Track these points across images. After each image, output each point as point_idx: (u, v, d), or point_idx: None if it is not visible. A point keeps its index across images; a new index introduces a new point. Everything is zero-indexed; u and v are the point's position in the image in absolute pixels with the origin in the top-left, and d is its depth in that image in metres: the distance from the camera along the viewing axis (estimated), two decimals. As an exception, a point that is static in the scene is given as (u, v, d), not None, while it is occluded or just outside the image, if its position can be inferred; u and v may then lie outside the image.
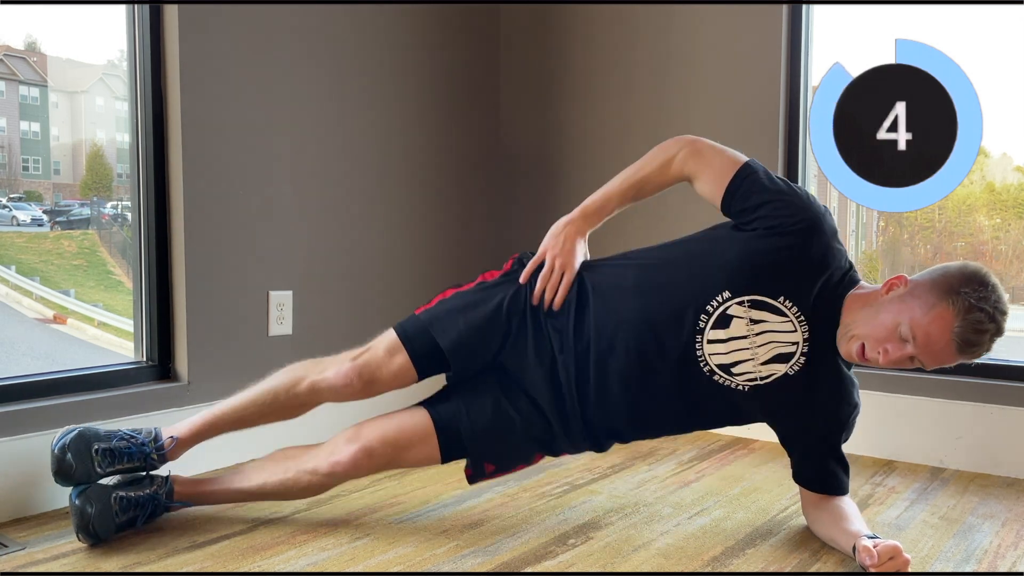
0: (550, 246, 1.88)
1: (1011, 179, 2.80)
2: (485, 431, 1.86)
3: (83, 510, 1.74)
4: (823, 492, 1.86)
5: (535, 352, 1.84)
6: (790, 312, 1.71)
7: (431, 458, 1.89)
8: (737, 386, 1.76)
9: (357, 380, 1.88)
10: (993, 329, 1.59)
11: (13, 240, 2.47)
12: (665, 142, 1.86)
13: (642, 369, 1.78)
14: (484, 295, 1.89)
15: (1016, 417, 2.37)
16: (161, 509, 1.87)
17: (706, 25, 2.81)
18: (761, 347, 1.72)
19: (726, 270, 1.72)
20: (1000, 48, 2.53)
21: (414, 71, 2.90)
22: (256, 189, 2.44)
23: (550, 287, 1.85)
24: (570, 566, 1.72)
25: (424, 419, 1.89)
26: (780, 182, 1.76)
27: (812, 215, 1.70)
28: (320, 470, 1.88)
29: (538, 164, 3.20)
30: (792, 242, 1.69)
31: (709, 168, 1.79)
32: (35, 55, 2.45)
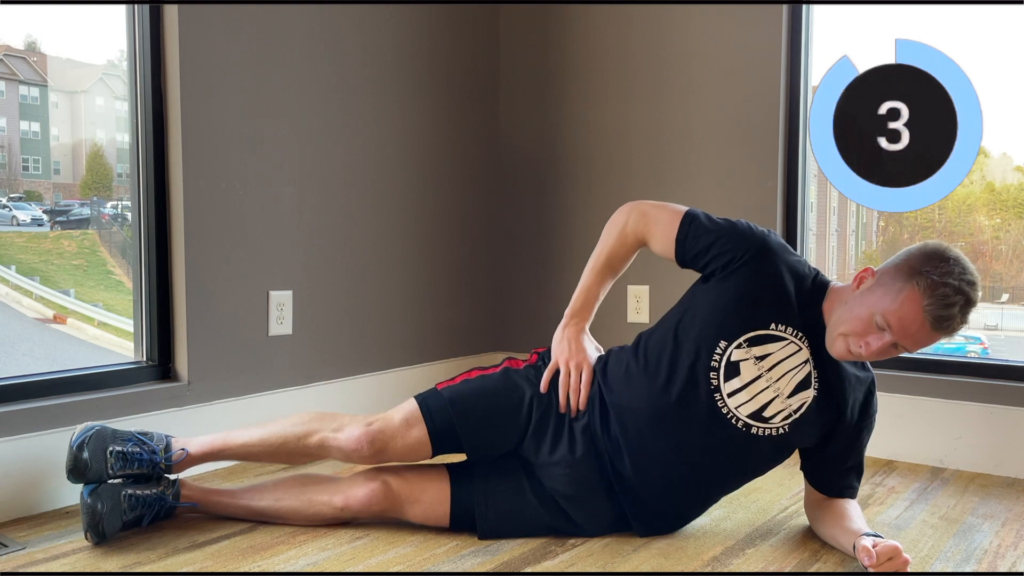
0: (559, 353, 1.90)
1: (1011, 179, 2.80)
2: (501, 514, 1.86)
3: (94, 508, 1.74)
4: (832, 495, 1.86)
5: (552, 443, 1.84)
6: (787, 334, 1.74)
7: (439, 522, 1.88)
8: (777, 431, 1.76)
9: (368, 447, 1.84)
10: (961, 301, 1.60)
11: (13, 240, 2.47)
12: (614, 215, 1.92)
13: (676, 448, 1.78)
14: (508, 384, 1.90)
15: (1016, 417, 2.37)
16: (167, 510, 1.88)
17: (706, 25, 2.81)
18: (779, 380, 1.74)
19: (710, 323, 1.76)
20: (1000, 48, 2.53)
21: (414, 71, 2.90)
22: (256, 189, 2.44)
23: (573, 391, 1.86)
24: (570, 566, 1.72)
25: (443, 487, 1.87)
26: (721, 221, 1.81)
27: (756, 240, 1.76)
28: (334, 503, 1.88)
29: (538, 164, 3.20)
30: (750, 271, 1.74)
31: (656, 227, 1.84)
32: (35, 55, 2.45)
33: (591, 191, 3.08)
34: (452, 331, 3.10)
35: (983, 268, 2.92)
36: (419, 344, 2.97)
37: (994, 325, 2.93)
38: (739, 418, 1.75)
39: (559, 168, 3.15)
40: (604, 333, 2.00)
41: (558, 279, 3.11)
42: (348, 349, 2.73)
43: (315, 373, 2.62)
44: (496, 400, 1.87)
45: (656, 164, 2.92)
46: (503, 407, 1.87)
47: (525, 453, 1.88)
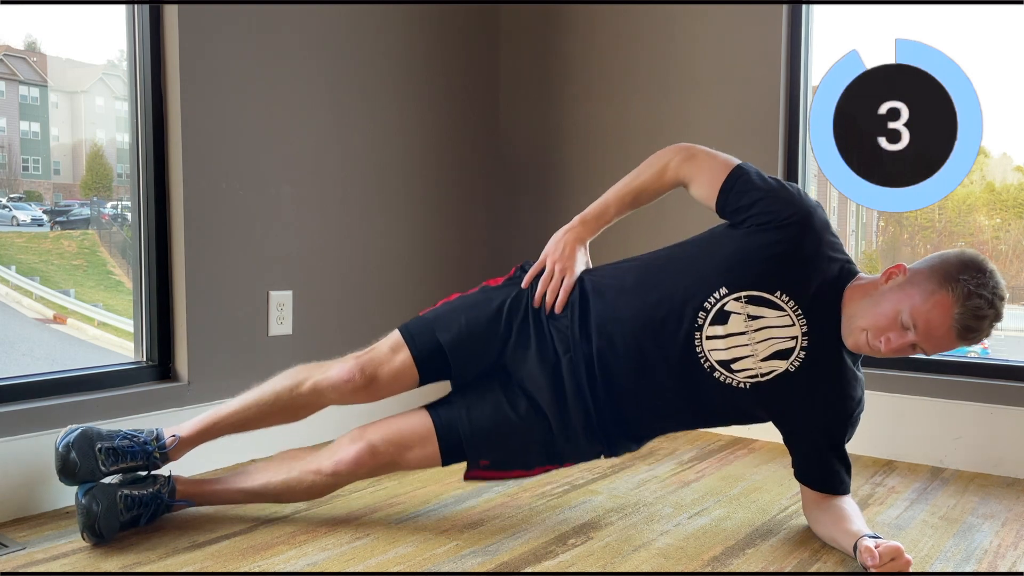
0: (550, 252, 1.92)
1: (1011, 179, 2.80)
2: (484, 431, 1.87)
3: (89, 508, 1.74)
4: (825, 491, 1.86)
5: (537, 352, 1.86)
6: (787, 306, 1.73)
7: (432, 459, 1.90)
8: (739, 384, 1.77)
9: (359, 376, 1.88)
10: (992, 315, 1.61)
11: (13, 240, 2.47)
12: (661, 150, 1.90)
13: (644, 367, 1.80)
14: (486, 297, 1.94)
15: (1016, 417, 2.37)
16: (163, 508, 1.87)
17: (706, 25, 2.81)
18: (760, 343, 1.74)
19: (721, 267, 1.75)
20: (1000, 48, 2.53)
21: (414, 71, 2.90)
22: (256, 189, 2.44)
23: (551, 290, 1.88)
24: (570, 566, 1.72)
25: (425, 420, 1.90)
26: (772, 181, 1.78)
27: (803, 210, 1.73)
28: (324, 470, 1.89)
29: (538, 164, 3.20)
30: (784, 236, 1.72)
31: (703, 171, 1.82)
32: (35, 55, 2.45)
33: (591, 191, 3.06)
34: (452, 331, 3.10)
35: (983, 268, 2.91)
36: (419, 344, 2.97)
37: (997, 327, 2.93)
38: (708, 359, 1.76)
39: (559, 168, 3.15)
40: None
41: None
42: (348, 349, 2.71)
43: (315, 373, 2.61)
44: (475, 312, 1.91)
45: (656, 164, 2.92)
46: (482, 317, 1.90)
47: (509, 363, 1.89)
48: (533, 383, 1.86)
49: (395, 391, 1.93)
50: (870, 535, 1.68)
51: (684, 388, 1.80)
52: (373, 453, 1.88)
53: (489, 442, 1.88)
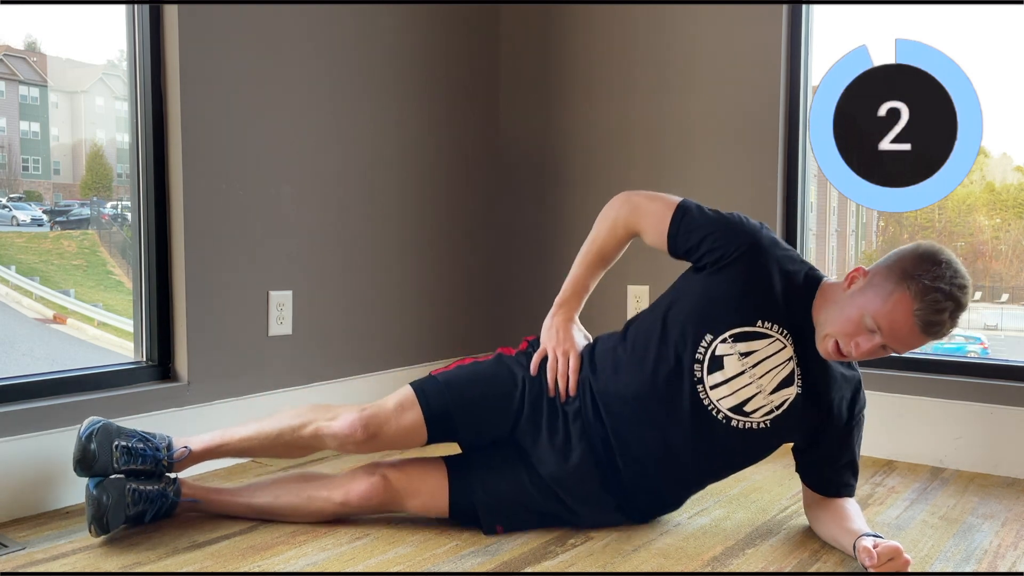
0: (547, 340, 1.93)
1: (1011, 179, 2.80)
2: (499, 503, 1.87)
3: (100, 500, 1.75)
4: (829, 495, 1.87)
5: (548, 431, 1.86)
6: (772, 331, 1.75)
7: (439, 510, 1.89)
8: (758, 425, 1.78)
9: (361, 431, 1.84)
10: (952, 307, 1.60)
11: (13, 240, 2.47)
12: (605, 207, 1.92)
13: (660, 436, 1.80)
14: (501, 369, 1.92)
15: (1016, 417, 2.37)
16: (169, 507, 1.88)
17: (706, 25, 2.81)
18: (763, 377, 1.75)
19: (697, 316, 1.78)
20: (1000, 48, 2.53)
21: (414, 71, 2.90)
22: (256, 189, 2.44)
23: (561, 375, 1.88)
24: (570, 566, 1.72)
25: (441, 476, 1.89)
26: (712, 214, 1.81)
27: (748, 236, 1.76)
28: (334, 498, 1.89)
29: (538, 164, 3.20)
30: (740, 268, 1.75)
31: (647, 219, 1.85)
32: (35, 55, 2.45)
33: (591, 191, 3.08)
34: (452, 331, 3.10)
35: (983, 268, 2.92)
36: (419, 344, 2.97)
37: (994, 325, 2.93)
38: (720, 410, 1.77)
39: (559, 168, 3.15)
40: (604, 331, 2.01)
41: (558, 279, 3.10)
42: (348, 349, 2.73)
43: (315, 373, 2.61)
44: (490, 383, 1.90)
45: (656, 164, 2.92)
46: (497, 390, 1.89)
47: (520, 440, 1.89)
48: (542, 463, 1.86)
49: (398, 448, 1.93)
50: (870, 534, 1.68)
51: (704, 445, 1.80)
52: (386, 488, 1.87)
53: (503, 511, 1.88)
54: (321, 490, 1.91)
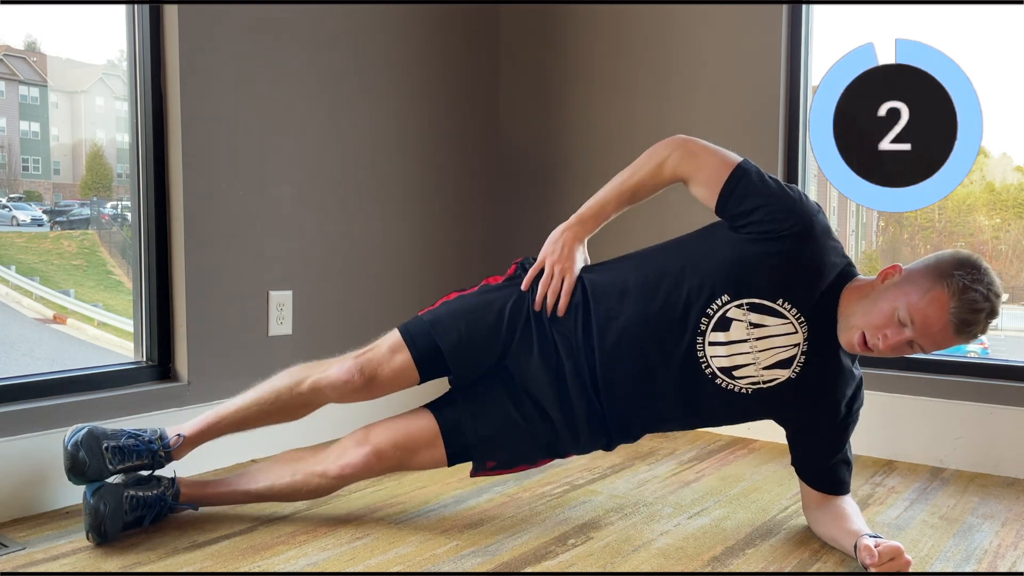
0: (549, 252, 1.89)
1: (1011, 179, 2.80)
2: (490, 437, 1.88)
3: (97, 508, 1.75)
4: (825, 491, 1.87)
5: (540, 356, 1.84)
6: (790, 314, 1.72)
7: (438, 462, 1.91)
8: (740, 389, 1.78)
9: (359, 376, 1.87)
10: (988, 308, 1.60)
11: (13, 240, 2.47)
12: (658, 144, 1.86)
13: (646, 371, 1.80)
14: (487, 299, 1.91)
15: (1016, 417, 2.37)
16: (167, 510, 1.88)
17: (706, 25, 2.81)
18: (762, 352, 1.74)
19: (722, 273, 1.73)
20: (1000, 48, 2.53)
21: (414, 71, 2.90)
22: (256, 189, 2.44)
23: (551, 293, 1.85)
24: (570, 566, 1.72)
25: (430, 423, 1.90)
26: (773, 184, 1.75)
27: (805, 218, 1.71)
28: (329, 473, 1.90)
29: (538, 164, 3.20)
30: (787, 246, 1.70)
31: (702, 171, 1.79)
32: (35, 55, 2.45)
33: (591, 191, 3.06)
34: (452, 331, 3.10)
35: (983, 268, 2.92)
36: (419, 344, 2.97)
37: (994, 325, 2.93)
38: (710, 366, 1.76)
39: (559, 168, 3.15)
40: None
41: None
42: (348, 349, 2.72)
43: (315, 373, 2.61)
44: (476, 315, 1.88)
45: (656, 164, 2.92)
46: (483, 321, 1.87)
47: (511, 365, 1.88)
48: (537, 387, 1.85)
49: (394, 390, 1.93)
50: (870, 535, 1.68)
51: (685, 393, 1.80)
52: (380, 457, 1.88)
53: (495, 446, 1.89)
54: (316, 466, 1.91)
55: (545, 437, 1.89)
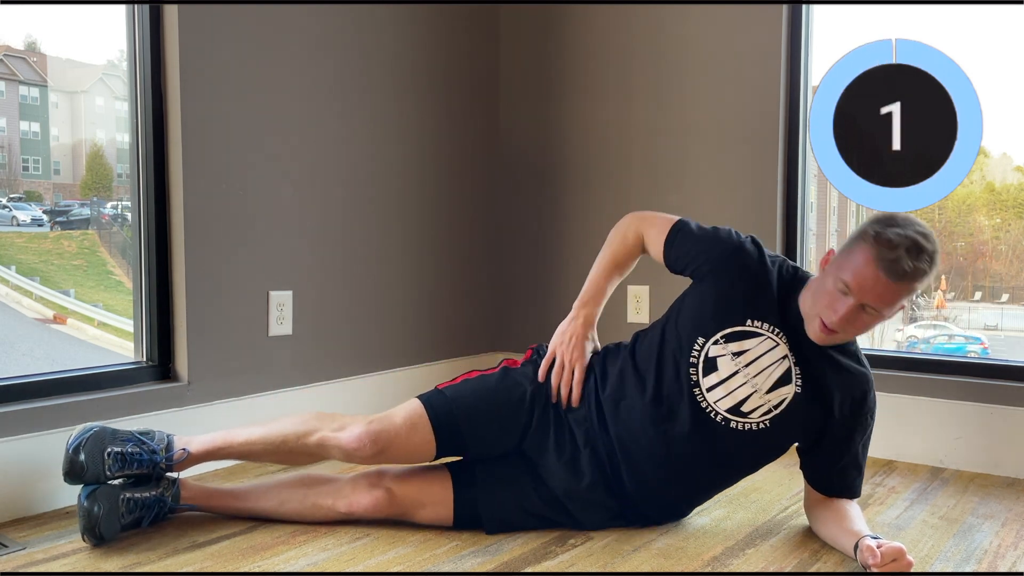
0: (558, 344, 1.95)
1: (1011, 179, 2.80)
2: (506, 515, 1.88)
3: (91, 511, 1.74)
4: (836, 496, 1.87)
5: (555, 445, 1.88)
6: (763, 330, 1.78)
7: (444, 522, 1.89)
8: (757, 425, 1.79)
9: (370, 446, 1.84)
10: (907, 243, 1.62)
11: (13, 240, 2.47)
12: (618, 222, 2.02)
13: (664, 441, 1.81)
14: (509, 381, 1.93)
15: (1016, 417, 2.37)
16: (166, 511, 1.88)
17: (706, 25, 2.81)
18: (757, 377, 1.78)
19: (691, 320, 1.84)
20: (1000, 48, 2.53)
21: (414, 71, 2.90)
22: (256, 189, 2.44)
23: (564, 384, 1.90)
24: (570, 566, 1.72)
25: (446, 487, 1.89)
26: (707, 228, 1.90)
27: (734, 245, 1.85)
28: (337, 508, 1.89)
29: (538, 164, 3.20)
30: (727, 272, 1.83)
31: (652, 228, 1.95)
32: (35, 55, 2.45)
33: (591, 191, 3.08)
34: (452, 331, 3.10)
35: (983, 268, 2.92)
36: (419, 344, 2.97)
37: (994, 325, 2.93)
38: (718, 412, 1.79)
39: (559, 168, 3.15)
40: (604, 333, 2.02)
41: (558, 279, 3.12)
42: (348, 349, 2.73)
43: (315, 373, 2.61)
44: (498, 397, 1.90)
45: (656, 164, 2.92)
46: (505, 404, 1.89)
47: (528, 451, 1.90)
48: (550, 474, 1.88)
49: (407, 462, 1.92)
50: (871, 536, 1.68)
51: (706, 449, 1.81)
52: (389, 503, 1.88)
53: (507, 520, 1.89)
54: (325, 498, 1.90)
55: (563, 519, 1.89)
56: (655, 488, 1.86)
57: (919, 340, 3.03)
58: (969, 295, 2.96)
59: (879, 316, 1.69)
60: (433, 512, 1.88)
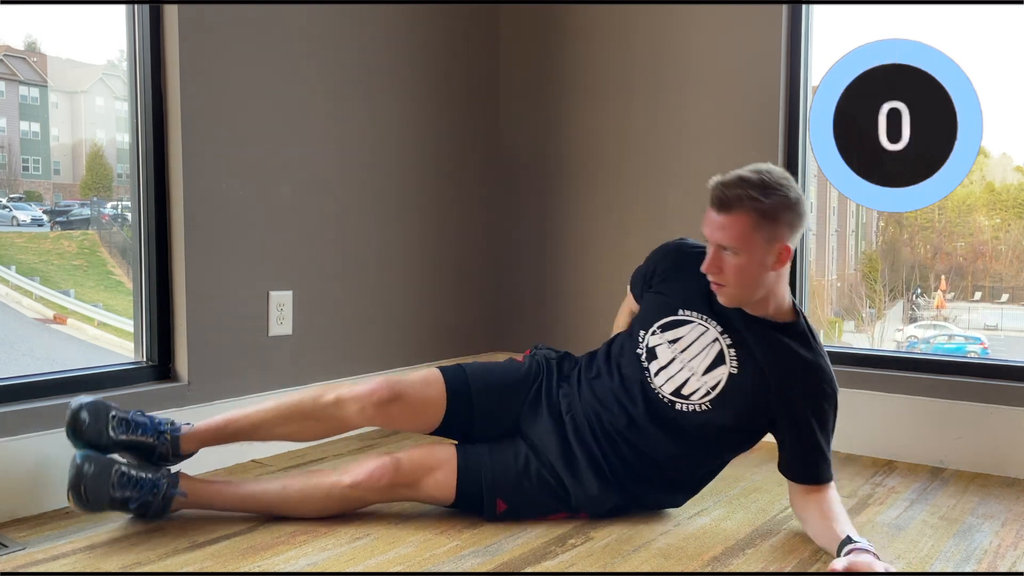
0: None
1: (1011, 179, 2.81)
2: (503, 471, 1.93)
3: (81, 468, 1.75)
4: (799, 480, 1.86)
5: (548, 413, 2.00)
6: (694, 317, 1.91)
7: (447, 490, 1.92)
8: (700, 407, 1.88)
9: (386, 389, 1.95)
10: (726, 176, 1.78)
11: (13, 240, 2.47)
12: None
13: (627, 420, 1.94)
14: (515, 365, 2.12)
15: (1016, 417, 2.37)
16: (160, 502, 1.85)
17: (706, 25, 2.81)
18: (692, 360, 1.89)
19: (640, 316, 2.04)
20: (1000, 48, 2.53)
21: (414, 71, 2.90)
22: (256, 189, 2.44)
23: None
24: (570, 566, 1.72)
25: (450, 451, 1.95)
26: None
27: (662, 249, 2.07)
28: (343, 481, 1.92)
29: (538, 164, 3.20)
30: (665, 272, 2.02)
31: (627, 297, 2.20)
32: (35, 55, 2.45)
33: (591, 191, 3.08)
34: (452, 331, 3.11)
35: (983, 268, 2.92)
36: (419, 344, 2.97)
37: (994, 325, 2.93)
38: (664, 395, 1.91)
39: (559, 168, 3.15)
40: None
41: (558, 279, 3.11)
42: (348, 349, 2.73)
43: (315, 373, 2.62)
44: (504, 367, 2.10)
45: (655, 163, 2.92)
46: (510, 371, 2.08)
47: (524, 425, 2.01)
48: (543, 441, 1.96)
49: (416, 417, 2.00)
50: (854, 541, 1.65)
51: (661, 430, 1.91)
52: (397, 468, 1.91)
53: (507, 484, 1.92)
54: (329, 475, 1.94)
55: (556, 487, 1.94)
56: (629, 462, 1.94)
57: (919, 340, 3.03)
58: (969, 295, 2.97)
59: (737, 255, 1.76)
60: (436, 483, 1.91)
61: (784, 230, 1.76)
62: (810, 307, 2.82)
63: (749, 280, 1.79)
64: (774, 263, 1.78)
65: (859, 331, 3.16)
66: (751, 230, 1.74)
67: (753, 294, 1.82)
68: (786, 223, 1.76)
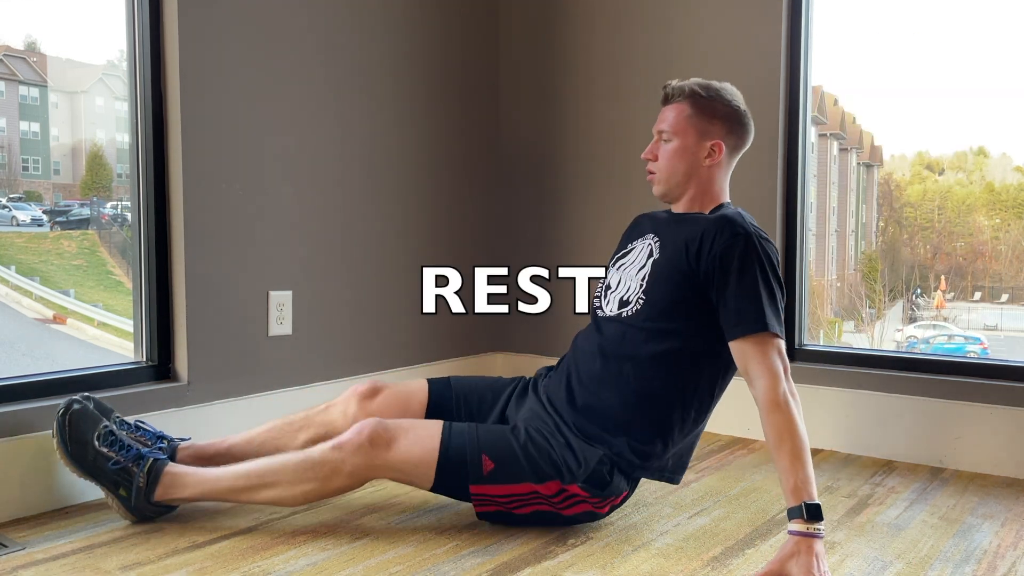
0: None
1: (1011, 179, 2.81)
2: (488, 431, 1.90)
3: (70, 404, 1.88)
4: (744, 334, 1.75)
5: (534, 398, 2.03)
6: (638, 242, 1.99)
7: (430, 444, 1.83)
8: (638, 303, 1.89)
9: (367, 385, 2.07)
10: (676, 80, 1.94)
11: (13, 240, 2.47)
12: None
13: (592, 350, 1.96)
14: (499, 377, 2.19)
15: (1016, 417, 2.37)
16: (145, 477, 1.83)
17: (706, 24, 2.81)
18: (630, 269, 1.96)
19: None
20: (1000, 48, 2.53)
21: (414, 70, 2.90)
22: (256, 189, 2.44)
23: None
24: (570, 566, 1.72)
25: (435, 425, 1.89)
26: None
27: None
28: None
29: (538, 164, 3.20)
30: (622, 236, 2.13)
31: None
32: (35, 55, 2.45)
33: (591, 190, 3.08)
34: (452, 331, 3.11)
35: (983, 268, 2.92)
36: (419, 344, 2.97)
37: (994, 325, 2.94)
38: (613, 313, 1.95)
39: (559, 167, 3.15)
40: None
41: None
42: (348, 349, 2.73)
43: (315, 373, 2.62)
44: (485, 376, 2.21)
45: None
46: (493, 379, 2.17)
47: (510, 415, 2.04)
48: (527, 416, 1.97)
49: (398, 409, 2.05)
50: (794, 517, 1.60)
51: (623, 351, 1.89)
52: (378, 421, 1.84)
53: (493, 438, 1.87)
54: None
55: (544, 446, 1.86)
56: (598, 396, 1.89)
57: (919, 340, 3.03)
58: (969, 295, 2.97)
59: (670, 141, 1.92)
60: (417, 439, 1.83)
61: (719, 128, 1.91)
62: (810, 307, 2.82)
63: (679, 167, 1.91)
64: (706, 157, 1.90)
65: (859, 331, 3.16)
66: (686, 119, 1.91)
67: (683, 185, 1.92)
68: (722, 121, 1.91)
